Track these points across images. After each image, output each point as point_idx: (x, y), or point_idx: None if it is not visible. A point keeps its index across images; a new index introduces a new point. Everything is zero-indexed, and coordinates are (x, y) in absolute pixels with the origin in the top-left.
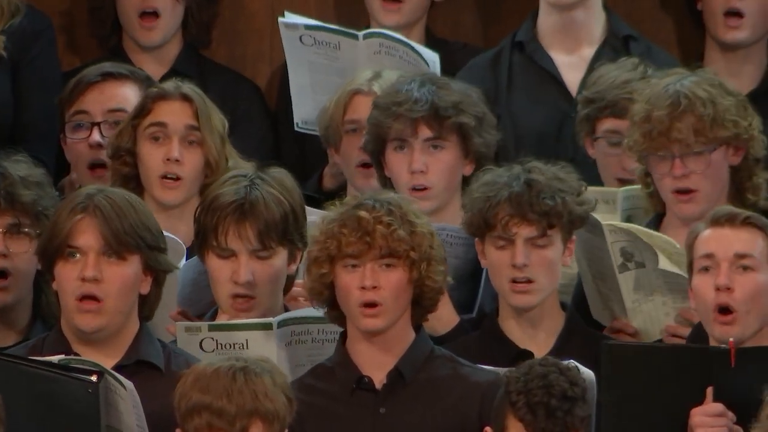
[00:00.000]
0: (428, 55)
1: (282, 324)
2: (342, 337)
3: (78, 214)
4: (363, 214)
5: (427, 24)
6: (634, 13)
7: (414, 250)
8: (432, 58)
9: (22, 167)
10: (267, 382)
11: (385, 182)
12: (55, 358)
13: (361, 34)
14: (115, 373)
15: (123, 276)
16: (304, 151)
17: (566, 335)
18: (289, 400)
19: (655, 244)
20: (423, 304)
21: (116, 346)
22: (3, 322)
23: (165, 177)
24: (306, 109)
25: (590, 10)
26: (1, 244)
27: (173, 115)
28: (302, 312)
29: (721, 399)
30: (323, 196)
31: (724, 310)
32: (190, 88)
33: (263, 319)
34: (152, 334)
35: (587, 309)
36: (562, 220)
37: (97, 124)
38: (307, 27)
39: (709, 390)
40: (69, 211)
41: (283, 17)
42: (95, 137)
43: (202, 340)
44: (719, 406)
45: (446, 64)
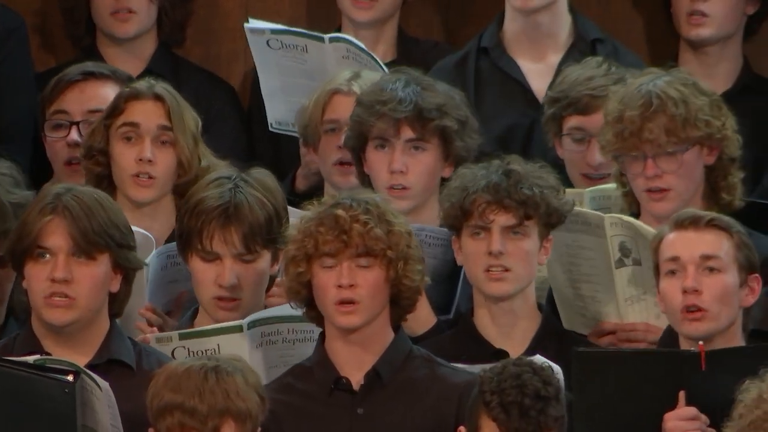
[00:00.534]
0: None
1: (252, 325)
2: (321, 337)
3: (47, 215)
4: (340, 212)
5: (399, 23)
6: (606, 15)
7: (391, 249)
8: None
9: None
10: (239, 381)
11: (363, 179)
12: (31, 358)
13: (327, 37)
14: (90, 373)
15: (93, 276)
16: (278, 152)
17: (542, 335)
18: (261, 399)
19: None
20: (401, 304)
21: (87, 345)
22: None
23: (137, 176)
24: (279, 110)
25: (556, 14)
26: None
27: (145, 115)
28: (270, 312)
29: (694, 402)
30: (296, 198)
31: (692, 309)
32: (162, 87)
33: (232, 322)
34: (122, 332)
35: None
36: (539, 211)
37: (76, 124)
38: (274, 31)
39: (681, 394)
40: (38, 212)
41: (255, 18)
42: (73, 136)
43: (174, 350)
44: (692, 410)
45: (417, 63)
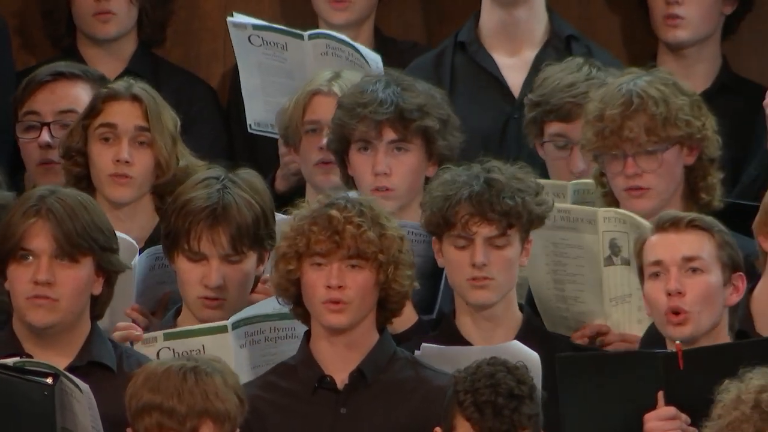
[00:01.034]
0: (371, 56)
1: (236, 326)
2: (306, 336)
3: (31, 217)
4: (334, 213)
5: (376, 23)
6: (586, 15)
7: (382, 253)
8: (374, 59)
9: None
10: (218, 382)
11: (347, 180)
12: (10, 361)
13: (306, 34)
14: (70, 376)
15: (76, 278)
16: (255, 153)
17: (523, 336)
18: (240, 400)
19: None
20: (388, 307)
21: (68, 347)
22: None
23: (115, 175)
24: (258, 111)
25: (533, 9)
26: None
27: (123, 116)
28: (252, 311)
29: (673, 402)
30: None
31: (676, 312)
32: (140, 88)
33: (217, 322)
34: (104, 334)
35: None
36: (521, 220)
37: (47, 125)
38: (255, 27)
39: (660, 394)
40: (22, 214)
41: (229, 18)
42: (44, 137)
43: (159, 350)
44: (671, 410)
45: (395, 64)
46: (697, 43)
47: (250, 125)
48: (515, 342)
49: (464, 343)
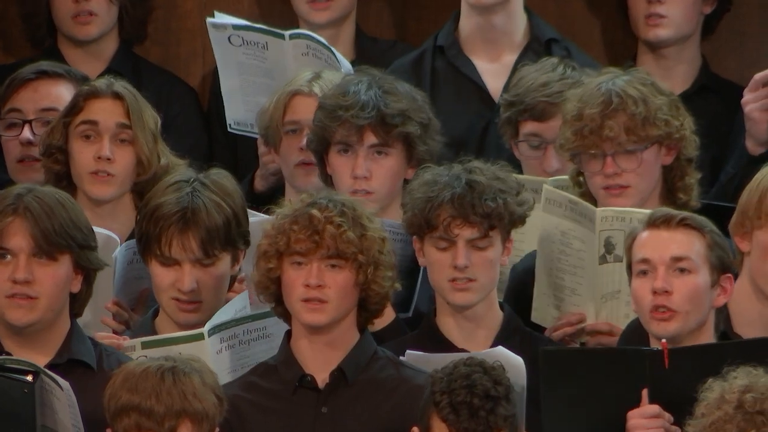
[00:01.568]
0: (346, 65)
1: (212, 332)
2: (287, 335)
3: (8, 216)
4: (315, 212)
5: (356, 22)
6: (564, 16)
7: (362, 253)
8: (348, 69)
9: None
10: (196, 381)
11: (327, 180)
12: None
13: (287, 33)
14: (50, 373)
15: (54, 276)
16: (236, 153)
17: (504, 335)
18: (219, 399)
19: None
20: (369, 308)
21: (48, 344)
22: None
23: (96, 173)
24: (238, 111)
25: (511, 13)
26: None
27: (104, 114)
28: (222, 317)
29: (657, 400)
30: (255, 199)
31: (661, 309)
32: (122, 85)
33: (193, 331)
34: (83, 332)
35: (523, 309)
36: (503, 221)
37: (29, 122)
38: (235, 27)
39: (644, 391)
40: None
41: (209, 18)
42: (26, 134)
43: (137, 359)
44: (655, 408)
45: (376, 63)
46: (678, 43)
47: (230, 125)
48: (500, 348)
49: (445, 344)
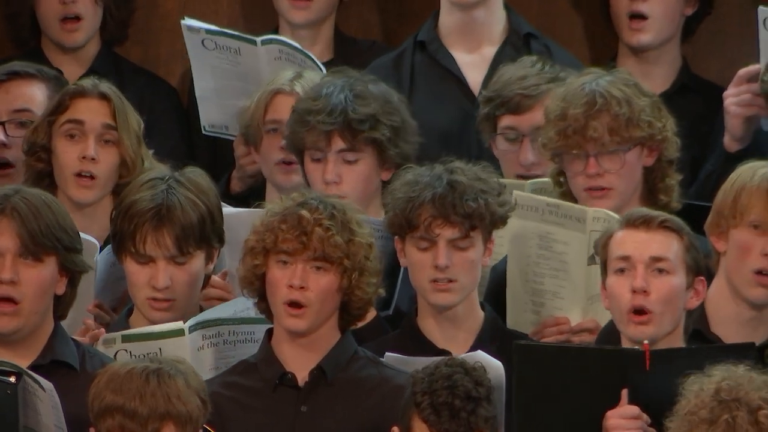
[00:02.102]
0: (323, 68)
1: (193, 329)
2: (268, 333)
3: None
4: (304, 213)
5: (336, 23)
6: (546, 14)
7: (348, 258)
8: (323, 72)
9: None
10: (180, 384)
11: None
12: None
13: (259, 39)
14: (33, 374)
15: (40, 278)
16: (215, 154)
17: (485, 336)
18: (203, 402)
19: None
20: (351, 312)
21: (31, 346)
22: None
23: (80, 175)
24: (212, 113)
25: (491, 9)
26: None
27: (90, 113)
28: (210, 314)
29: (636, 401)
30: (231, 200)
31: (639, 311)
32: (107, 86)
33: (174, 325)
34: (67, 334)
35: (503, 309)
36: (484, 222)
37: (2, 124)
38: (208, 32)
39: (624, 392)
40: None
41: (183, 20)
42: None
43: (117, 352)
44: (634, 409)
45: (355, 63)
46: (659, 45)
47: (204, 127)
48: (479, 352)
49: (426, 344)
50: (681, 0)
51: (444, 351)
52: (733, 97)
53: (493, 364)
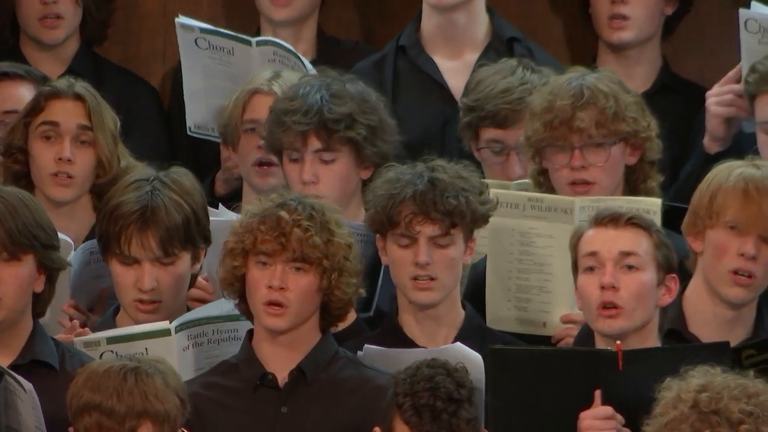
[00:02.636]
0: (313, 72)
1: (179, 329)
2: (248, 334)
3: None
4: (283, 214)
5: (318, 23)
6: (525, 15)
7: (327, 259)
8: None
9: None
10: (158, 382)
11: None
12: None
13: (254, 40)
14: (14, 374)
15: (18, 276)
16: (197, 154)
17: (465, 334)
18: (181, 401)
19: None
20: (331, 312)
21: (10, 345)
22: None
23: (57, 175)
24: (199, 114)
25: (472, 13)
26: None
27: (65, 114)
28: (195, 314)
29: (610, 402)
30: (216, 202)
31: (609, 306)
32: (82, 86)
33: (160, 324)
34: (46, 332)
35: (484, 307)
36: (465, 220)
37: None
38: (203, 30)
39: (597, 393)
40: None
41: (177, 18)
42: None
43: (102, 354)
44: (607, 409)
45: (338, 64)
46: (640, 44)
47: (190, 127)
48: (458, 344)
49: (407, 342)
50: (661, 0)
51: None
52: (715, 96)
53: (472, 358)
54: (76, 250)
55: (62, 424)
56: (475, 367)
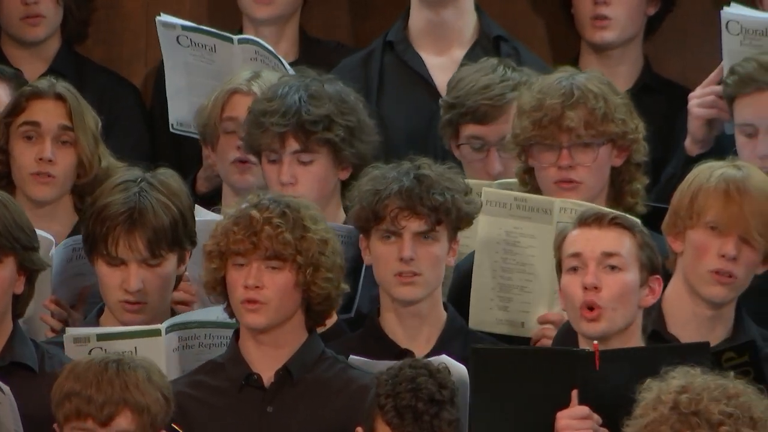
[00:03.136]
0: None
1: (170, 330)
2: (235, 334)
3: None
4: (254, 213)
5: (301, 23)
6: (507, 14)
7: (300, 255)
8: None
9: None
10: (140, 375)
11: None
12: None
13: (236, 38)
14: None
15: None
16: (179, 153)
17: (447, 335)
18: (165, 399)
19: None
20: (315, 310)
21: None
22: None
23: (38, 174)
24: (182, 111)
25: (460, 9)
26: None
27: (46, 115)
28: (187, 317)
29: (587, 401)
30: (197, 200)
31: (590, 307)
32: (64, 86)
33: (151, 326)
34: (25, 334)
35: (467, 308)
36: (450, 217)
37: None
38: (184, 28)
39: (574, 393)
40: None
41: (159, 17)
42: None
43: (91, 350)
44: (584, 409)
45: (320, 64)
46: (622, 45)
47: (172, 125)
48: (444, 356)
49: (388, 342)
50: (644, 0)
51: (406, 351)
52: (697, 98)
53: (458, 370)
54: (58, 246)
55: (41, 426)
56: (461, 378)
